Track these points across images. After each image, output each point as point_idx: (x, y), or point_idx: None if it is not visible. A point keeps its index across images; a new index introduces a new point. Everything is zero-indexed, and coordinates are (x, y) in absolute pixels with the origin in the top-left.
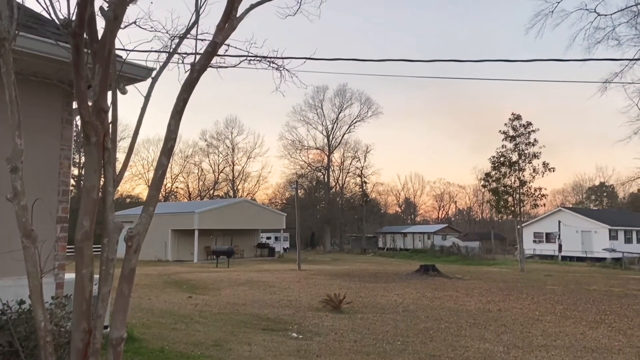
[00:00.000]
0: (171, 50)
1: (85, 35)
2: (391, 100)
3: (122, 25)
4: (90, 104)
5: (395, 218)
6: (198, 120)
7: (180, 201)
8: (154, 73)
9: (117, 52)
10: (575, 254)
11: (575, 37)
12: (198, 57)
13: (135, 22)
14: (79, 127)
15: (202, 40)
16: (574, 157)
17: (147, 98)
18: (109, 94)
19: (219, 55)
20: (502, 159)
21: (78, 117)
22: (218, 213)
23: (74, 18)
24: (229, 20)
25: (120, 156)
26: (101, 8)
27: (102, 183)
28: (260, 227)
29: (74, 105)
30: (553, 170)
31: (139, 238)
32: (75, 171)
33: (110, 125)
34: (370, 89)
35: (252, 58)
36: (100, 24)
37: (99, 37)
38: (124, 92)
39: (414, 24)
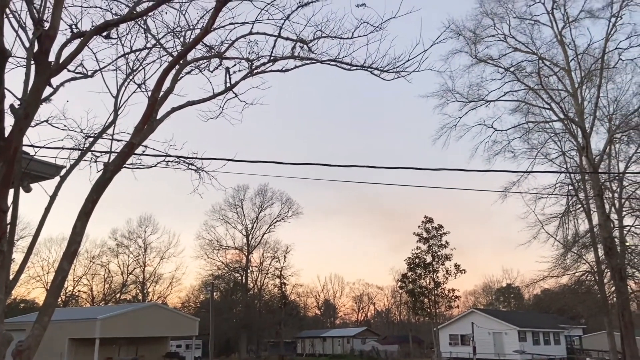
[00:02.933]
0: (84, 149)
1: None
2: (311, 200)
3: (32, 123)
4: None
5: (314, 321)
6: (108, 218)
7: (82, 306)
8: (63, 171)
9: (25, 148)
10: (489, 356)
11: (477, 148)
12: (113, 156)
13: (47, 121)
14: None
15: (118, 140)
16: (482, 259)
17: (53, 198)
18: (11, 192)
19: (136, 154)
20: (417, 260)
21: None
22: (123, 319)
23: None
24: (149, 122)
25: (18, 256)
26: (12, 106)
27: None
28: (171, 334)
29: None
30: (464, 272)
31: (29, 353)
32: None
33: (9, 226)
34: (291, 189)
35: (171, 159)
36: (9, 121)
37: (6, 135)
38: (28, 190)
39: (331, 132)
